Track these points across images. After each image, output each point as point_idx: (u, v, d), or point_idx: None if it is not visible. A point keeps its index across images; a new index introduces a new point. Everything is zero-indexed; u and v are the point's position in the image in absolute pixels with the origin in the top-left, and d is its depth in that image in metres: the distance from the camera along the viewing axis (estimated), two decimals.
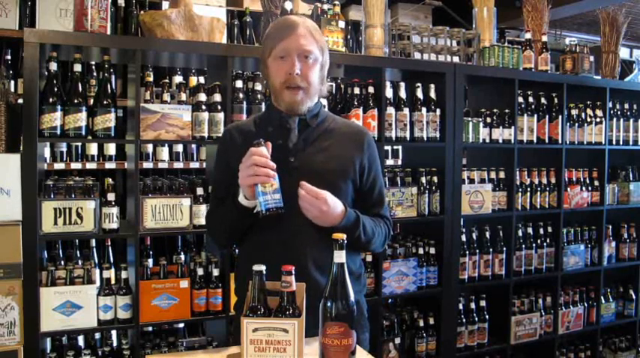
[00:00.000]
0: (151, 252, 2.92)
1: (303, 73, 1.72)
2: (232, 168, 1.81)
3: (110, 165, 3.31)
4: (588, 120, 3.54)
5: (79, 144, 3.39)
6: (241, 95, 2.67)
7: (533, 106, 3.35)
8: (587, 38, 6.21)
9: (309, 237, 1.69)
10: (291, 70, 1.71)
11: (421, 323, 3.05)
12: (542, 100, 3.41)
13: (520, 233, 3.33)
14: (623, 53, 6.03)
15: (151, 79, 3.28)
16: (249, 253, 1.82)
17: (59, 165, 3.32)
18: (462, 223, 3.13)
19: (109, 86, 2.46)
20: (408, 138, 2.96)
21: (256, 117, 1.94)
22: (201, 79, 3.45)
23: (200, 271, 2.57)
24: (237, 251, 2.61)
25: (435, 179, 3.03)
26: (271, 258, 1.58)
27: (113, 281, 2.51)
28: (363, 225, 1.74)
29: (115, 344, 2.81)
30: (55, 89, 2.33)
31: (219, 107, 2.58)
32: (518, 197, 3.27)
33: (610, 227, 3.67)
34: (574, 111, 3.52)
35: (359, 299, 1.85)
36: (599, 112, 3.59)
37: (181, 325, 3.05)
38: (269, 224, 1.70)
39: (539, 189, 3.36)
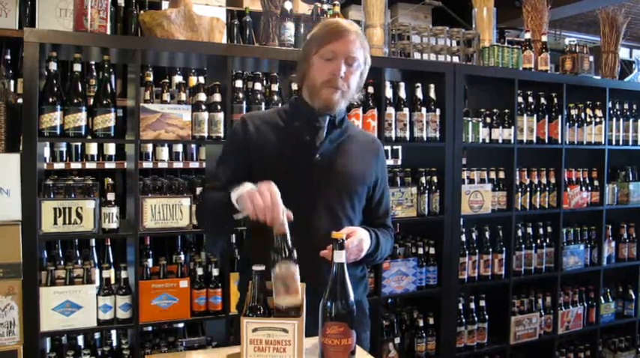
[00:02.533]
0: (150, 252, 2.92)
1: (345, 76, 1.75)
2: (252, 155, 1.79)
3: (110, 165, 3.31)
4: (588, 120, 3.54)
5: (79, 143, 3.39)
6: (241, 95, 2.67)
7: (532, 106, 3.35)
8: (586, 38, 6.22)
9: (324, 237, 1.66)
10: (336, 71, 1.73)
11: (421, 323, 3.05)
12: (542, 100, 3.41)
13: (520, 233, 3.32)
14: (623, 53, 6.04)
15: (150, 78, 3.28)
16: (259, 250, 1.80)
17: (59, 165, 3.31)
18: (461, 223, 3.13)
19: (108, 86, 2.46)
20: (408, 138, 2.96)
21: (279, 110, 1.92)
22: (201, 79, 3.45)
23: (200, 271, 2.57)
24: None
25: (435, 179, 3.03)
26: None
27: (113, 281, 2.51)
28: (381, 247, 1.80)
29: (114, 344, 2.81)
30: (55, 89, 2.33)
31: (219, 107, 2.58)
32: (517, 197, 3.27)
33: (610, 227, 3.67)
34: (574, 112, 3.52)
35: (361, 300, 1.86)
36: (598, 112, 3.59)
37: (181, 325, 3.05)
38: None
39: (538, 189, 3.36)
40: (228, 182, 1.76)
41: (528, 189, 3.33)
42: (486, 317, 3.22)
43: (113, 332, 2.83)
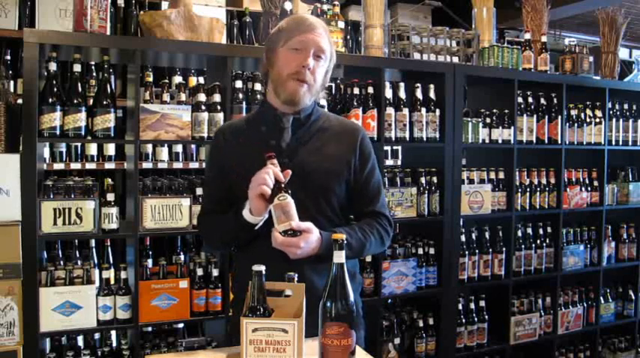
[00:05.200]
0: (150, 252, 2.92)
1: (313, 69, 1.73)
2: (226, 169, 1.80)
3: (109, 166, 3.31)
4: (588, 120, 3.54)
5: (79, 144, 3.39)
6: (241, 95, 2.67)
7: (532, 107, 3.35)
8: (586, 38, 6.21)
9: None
10: (304, 62, 1.71)
11: (421, 324, 3.05)
12: (542, 101, 3.41)
13: (519, 233, 3.33)
14: (623, 53, 6.03)
15: (150, 79, 3.28)
16: (247, 252, 1.81)
17: (58, 166, 3.31)
18: (461, 223, 3.13)
19: (108, 86, 2.46)
20: (408, 139, 2.96)
21: (249, 115, 1.94)
22: (201, 80, 3.45)
23: (199, 271, 2.57)
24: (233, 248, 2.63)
25: (435, 179, 3.03)
26: (268, 259, 1.58)
27: (112, 282, 2.51)
28: (347, 243, 1.72)
29: (114, 344, 2.81)
30: (55, 89, 2.33)
31: (219, 107, 2.58)
32: (517, 197, 3.27)
33: (609, 227, 3.67)
34: (573, 112, 3.52)
35: (355, 298, 1.86)
36: (598, 113, 3.60)
37: (181, 325, 3.05)
38: (268, 224, 1.70)
39: (538, 189, 3.36)
40: (218, 202, 1.82)
41: (528, 189, 3.33)
42: (486, 317, 3.22)
43: (113, 333, 2.83)
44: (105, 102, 2.42)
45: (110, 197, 2.40)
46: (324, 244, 1.65)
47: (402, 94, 2.96)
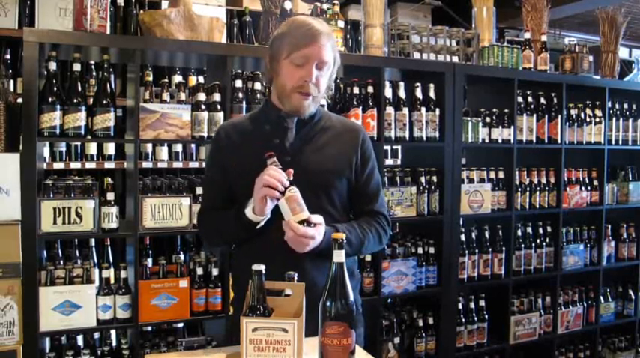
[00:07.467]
0: (150, 252, 2.92)
1: (316, 81, 1.73)
2: (227, 167, 1.81)
3: (109, 165, 3.31)
4: (587, 120, 3.54)
5: (79, 143, 3.39)
6: (240, 95, 2.67)
7: (532, 106, 3.35)
8: (586, 38, 6.21)
9: None
10: (307, 78, 1.71)
11: (420, 323, 3.05)
12: (542, 100, 3.41)
13: (519, 232, 3.33)
14: (623, 53, 6.03)
15: (150, 78, 3.28)
16: (246, 250, 1.82)
17: (58, 165, 3.31)
18: (461, 223, 3.13)
19: (108, 85, 2.46)
20: (408, 138, 2.96)
21: (251, 114, 1.94)
22: (201, 79, 3.45)
23: (199, 271, 2.57)
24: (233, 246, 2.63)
25: (435, 179, 3.03)
26: (269, 256, 1.59)
27: (112, 281, 2.51)
28: (354, 243, 1.75)
29: (114, 343, 2.81)
30: (55, 88, 2.33)
31: (219, 107, 2.58)
32: (517, 197, 3.27)
33: (609, 227, 3.67)
34: (573, 111, 3.52)
35: (354, 295, 1.86)
36: (598, 112, 3.59)
37: (180, 325, 3.05)
38: (268, 223, 1.71)
39: (538, 188, 3.36)
40: (218, 200, 1.82)
41: (528, 188, 3.33)
42: (486, 316, 3.22)
43: (113, 332, 2.83)
44: (105, 102, 2.41)
45: (110, 196, 2.40)
46: (327, 238, 1.67)
47: (402, 94, 2.96)
